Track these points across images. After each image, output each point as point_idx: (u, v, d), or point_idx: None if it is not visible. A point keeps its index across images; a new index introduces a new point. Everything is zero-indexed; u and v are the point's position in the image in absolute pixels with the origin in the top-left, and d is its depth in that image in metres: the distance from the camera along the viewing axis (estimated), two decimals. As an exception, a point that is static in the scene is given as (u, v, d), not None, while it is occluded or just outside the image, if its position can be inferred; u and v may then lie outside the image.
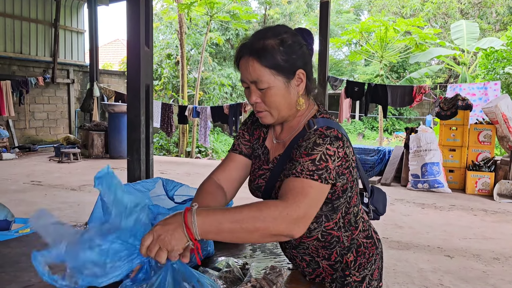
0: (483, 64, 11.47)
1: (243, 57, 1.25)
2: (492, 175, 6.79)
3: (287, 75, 1.23)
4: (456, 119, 7.16)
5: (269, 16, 18.35)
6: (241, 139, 1.48)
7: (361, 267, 1.37)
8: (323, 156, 1.16)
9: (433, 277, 3.57)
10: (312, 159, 1.16)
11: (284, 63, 1.22)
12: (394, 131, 19.97)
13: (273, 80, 1.22)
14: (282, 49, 1.22)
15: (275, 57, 1.21)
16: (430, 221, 5.29)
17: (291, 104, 1.27)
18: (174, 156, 13.10)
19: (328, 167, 1.17)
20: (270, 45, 1.22)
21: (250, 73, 1.23)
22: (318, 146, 1.18)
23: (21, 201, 5.58)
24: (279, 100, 1.24)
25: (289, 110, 1.28)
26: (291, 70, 1.24)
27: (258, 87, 1.24)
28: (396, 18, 15.06)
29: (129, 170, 4.24)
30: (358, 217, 1.38)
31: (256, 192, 1.42)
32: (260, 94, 1.25)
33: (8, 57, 10.77)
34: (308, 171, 1.15)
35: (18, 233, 2.96)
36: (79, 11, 12.82)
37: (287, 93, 1.25)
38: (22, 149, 10.66)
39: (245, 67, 1.24)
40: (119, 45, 26.31)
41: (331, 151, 1.17)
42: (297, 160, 1.19)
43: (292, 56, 1.23)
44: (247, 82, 1.26)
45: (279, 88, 1.23)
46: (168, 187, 1.70)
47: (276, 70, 1.21)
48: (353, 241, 1.37)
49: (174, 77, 15.08)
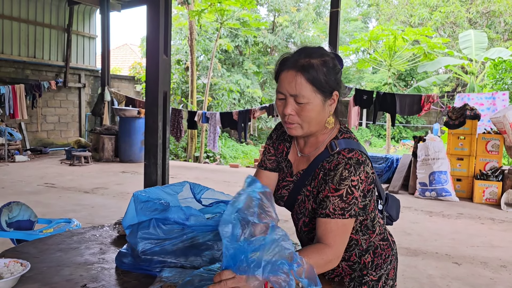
0: (491, 74, 11.52)
1: (287, 71, 1.34)
2: (500, 185, 6.84)
3: (325, 94, 1.35)
4: (464, 129, 7.24)
5: (278, 23, 18.50)
6: (267, 155, 1.59)
7: (378, 267, 1.49)
8: (349, 190, 1.30)
9: (441, 283, 3.65)
10: (340, 195, 1.30)
11: (325, 83, 1.33)
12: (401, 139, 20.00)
13: (313, 96, 1.32)
14: (325, 70, 1.33)
15: (319, 76, 1.31)
16: (438, 229, 5.36)
17: (321, 121, 1.38)
18: (183, 161, 13.23)
19: (355, 197, 1.31)
20: (315, 64, 1.32)
21: (293, 87, 1.32)
22: (344, 180, 1.30)
23: (37, 202, 5.71)
24: (314, 116, 1.35)
25: (318, 126, 1.39)
26: (329, 90, 1.35)
27: (297, 101, 1.33)
28: (405, 27, 15.16)
29: (146, 174, 4.37)
30: (375, 222, 1.49)
31: (279, 201, 1.54)
32: (297, 108, 1.34)
33: (22, 61, 10.98)
34: (339, 210, 1.30)
35: (42, 233, 3.09)
36: (91, 17, 13.04)
37: (322, 110, 1.36)
38: (33, 151, 10.84)
39: (288, 80, 1.33)
40: (127, 50, 26.55)
41: (355, 181, 1.30)
42: (327, 197, 1.32)
43: (332, 77, 1.34)
44: (285, 94, 1.34)
45: (316, 105, 1.34)
46: (195, 190, 1.80)
47: (317, 88, 1.32)
48: (371, 244, 1.48)
49: (183, 82, 15.24)
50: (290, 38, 18.44)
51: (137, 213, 1.61)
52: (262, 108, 9.71)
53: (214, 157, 14.12)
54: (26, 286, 1.34)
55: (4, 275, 1.34)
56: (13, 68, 10.90)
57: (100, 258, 1.66)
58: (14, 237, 2.98)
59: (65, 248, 1.76)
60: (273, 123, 17.28)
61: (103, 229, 2.04)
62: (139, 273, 1.50)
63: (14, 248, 1.81)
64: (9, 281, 1.28)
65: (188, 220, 1.55)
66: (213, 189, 1.84)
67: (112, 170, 9.05)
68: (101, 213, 5.47)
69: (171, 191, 1.78)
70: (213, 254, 1.56)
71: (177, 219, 1.54)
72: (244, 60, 17.97)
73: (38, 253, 1.68)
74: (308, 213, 1.42)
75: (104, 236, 1.93)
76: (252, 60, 18.25)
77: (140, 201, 1.62)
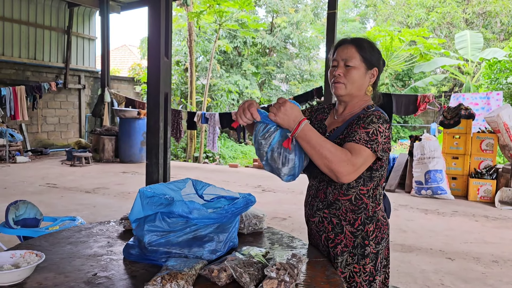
0: (487, 74, 11.66)
1: (344, 44, 1.72)
2: (494, 183, 6.97)
3: (368, 66, 1.71)
4: (459, 128, 7.36)
5: (276, 24, 18.62)
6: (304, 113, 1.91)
7: (377, 240, 1.68)
8: (375, 131, 1.57)
9: (434, 277, 3.77)
10: (367, 131, 1.57)
11: (369, 57, 1.70)
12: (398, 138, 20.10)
13: (359, 64, 1.69)
14: (371, 49, 1.71)
15: (366, 50, 1.70)
16: (432, 226, 5.49)
17: (362, 86, 1.72)
18: (182, 161, 13.33)
19: (377, 140, 1.57)
20: (365, 42, 1.73)
21: (346, 53, 1.69)
22: (373, 123, 1.59)
23: (39, 202, 5.79)
24: (356, 78, 1.69)
25: (358, 91, 1.72)
26: (371, 64, 1.71)
27: (346, 64, 1.69)
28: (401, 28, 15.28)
29: (147, 174, 4.47)
30: (381, 196, 1.73)
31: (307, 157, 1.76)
32: (345, 71, 1.69)
33: (22, 63, 11.09)
34: (364, 140, 1.56)
35: (48, 230, 3.20)
36: (91, 19, 13.15)
37: (363, 77, 1.71)
38: (34, 152, 10.94)
39: (342, 49, 1.71)
40: (126, 51, 26.61)
41: (382, 129, 1.58)
42: (355, 131, 1.59)
43: (375, 56, 1.73)
44: (339, 60, 1.71)
45: (360, 71, 1.70)
46: (197, 186, 1.92)
47: (363, 58, 1.69)
48: (375, 214, 1.70)
49: (182, 83, 15.34)
50: (288, 39, 18.54)
51: (143, 207, 1.72)
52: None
53: (214, 157, 14.23)
54: (41, 274, 1.45)
55: (21, 264, 1.45)
56: (14, 70, 11.00)
57: (108, 250, 1.77)
58: (21, 234, 3.08)
59: (75, 241, 1.87)
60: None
61: (109, 224, 2.15)
62: (146, 263, 1.61)
63: (27, 242, 1.93)
64: (26, 270, 1.38)
65: (191, 214, 1.66)
66: (214, 185, 1.96)
67: (112, 170, 9.16)
68: (103, 213, 5.58)
69: (174, 187, 1.89)
70: (215, 246, 1.67)
71: (181, 213, 1.65)
72: (242, 61, 18.07)
73: (50, 246, 1.79)
74: None
75: (111, 231, 2.04)
76: (250, 61, 18.35)
77: (146, 196, 1.73)
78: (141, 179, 7.75)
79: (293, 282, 1.37)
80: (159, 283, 1.35)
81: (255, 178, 8.71)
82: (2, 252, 1.53)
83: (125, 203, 6.17)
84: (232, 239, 1.77)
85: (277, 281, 1.35)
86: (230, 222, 1.74)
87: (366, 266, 1.67)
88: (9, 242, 3.42)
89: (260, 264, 1.48)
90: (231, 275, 1.42)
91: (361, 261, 1.67)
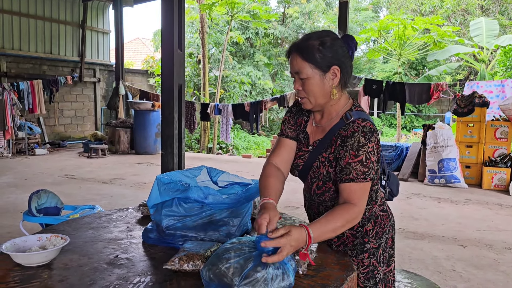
0: (502, 62, 11.51)
1: (291, 54, 1.57)
2: (508, 171, 6.93)
3: (323, 69, 1.53)
4: (473, 116, 7.32)
5: (288, 15, 18.55)
6: (287, 124, 1.78)
7: (378, 236, 1.67)
8: (367, 155, 1.50)
9: (446, 263, 3.81)
10: (360, 160, 1.49)
11: (321, 59, 1.52)
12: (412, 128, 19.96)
13: (310, 72, 1.53)
14: (320, 48, 1.52)
15: (314, 53, 1.51)
16: (445, 214, 5.50)
17: (326, 94, 1.57)
18: (196, 152, 13.46)
19: (372, 162, 1.51)
20: (311, 44, 1.53)
21: (294, 65, 1.55)
22: (362, 147, 1.50)
23: (58, 192, 5.90)
24: (315, 89, 1.55)
25: (324, 99, 1.58)
26: (327, 65, 1.53)
27: (300, 77, 1.55)
28: (415, 16, 15.12)
29: (163, 163, 4.58)
30: (377, 193, 1.69)
31: (294, 170, 1.74)
32: (301, 83, 1.56)
33: (39, 57, 11.28)
34: (362, 175, 1.50)
35: (69, 218, 3.32)
36: (104, 12, 13.29)
37: (322, 84, 1.55)
38: (52, 145, 11.17)
39: (291, 60, 1.56)
40: (139, 44, 26.76)
41: (371, 148, 1.50)
42: (349, 164, 1.51)
43: (329, 54, 1.52)
44: (293, 73, 1.58)
45: (315, 79, 1.54)
46: (212, 173, 2.00)
47: (313, 64, 1.52)
48: (372, 213, 1.68)
49: (195, 75, 15.43)
50: (300, 29, 18.48)
51: (161, 193, 1.81)
52: (273, 99, 9.86)
53: (227, 148, 14.34)
54: (67, 256, 1.55)
55: (48, 246, 1.55)
56: (31, 64, 11.20)
57: (128, 234, 1.86)
58: (43, 222, 3.21)
59: (96, 227, 1.96)
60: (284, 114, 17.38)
61: (128, 211, 2.24)
62: (164, 246, 1.70)
63: (51, 227, 2.03)
64: (53, 252, 1.48)
65: (206, 199, 1.74)
66: (228, 172, 2.03)
67: (128, 161, 9.32)
68: (120, 202, 5.72)
69: (190, 175, 1.97)
70: (229, 229, 1.75)
71: (196, 198, 1.74)
72: (255, 52, 18.08)
73: (73, 230, 1.89)
74: (322, 177, 1.61)
75: (129, 217, 2.14)
76: (262, 52, 18.35)
77: (163, 183, 1.81)
78: (156, 169, 7.88)
79: (307, 261, 1.44)
80: (177, 263, 1.43)
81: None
82: (29, 235, 1.63)
83: (141, 193, 6.30)
84: (245, 223, 1.84)
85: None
86: (244, 207, 1.81)
87: (365, 260, 1.66)
88: (31, 230, 3.55)
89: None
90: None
91: (359, 256, 1.67)
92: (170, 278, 1.38)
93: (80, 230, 1.89)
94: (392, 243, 1.75)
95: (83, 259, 1.53)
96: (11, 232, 4.42)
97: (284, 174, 1.73)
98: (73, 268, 1.45)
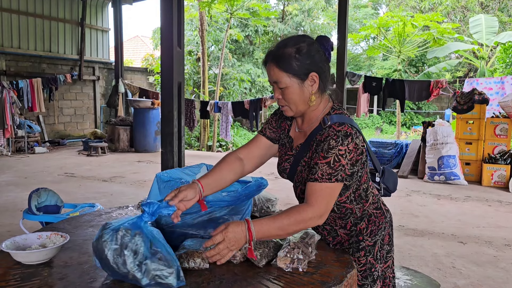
0: (502, 58, 11.50)
1: (267, 64, 1.55)
2: (508, 168, 6.94)
3: (301, 77, 1.51)
4: (472, 113, 7.32)
5: (287, 12, 18.53)
6: (269, 125, 1.79)
7: (373, 234, 1.67)
8: (336, 158, 1.46)
9: (446, 260, 3.82)
10: (328, 162, 1.46)
11: (298, 67, 1.50)
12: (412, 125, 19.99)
13: (289, 81, 1.51)
14: (297, 56, 1.49)
15: (291, 62, 1.49)
16: (445, 211, 5.51)
17: (305, 101, 1.56)
18: (196, 150, 13.47)
19: (342, 164, 1.46)
20: (287, 53, 1.50)
21: (271, 75, 1.54)
22: (332, 149, 1.46)
23: (58, 191, 5.89)
24: (295, 97, 1.54)
25: (305, 105, 1.57)
26: (305, 73, 1.51)
27: (279, 86, 1.54)
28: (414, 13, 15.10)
29: (162, 161, 4.58)
30: (368, 192, 1.67)
31: (282, 173, 1.75)
32: (281, 92, 1.55)
33: (38, 55, 11.27)
34: (327, 175, 1.45)
35: (69, 216, 3.32)
36: (103, 10, 13.27)
37: (301, 92, 1.53)
38: (52, 143, 11.18)
39: (268, 70, 1.55)
40: (138, 42, 26.76)
41: (342, 151, 1.46)
42: (316, 164, 1.48)
43: (305, 61, 1.50)
44: (271, 82, 1.57)
45: (294, 88, 1.53)
46: (211, 171, 2.00)
47: (291, 73, 1.50)
48: (365, 212, 1.67)
49: (195, 73, 15.42)
50: (300, 27, 18.47)
51: (160, 191, 1.81)
52: (273, 97, 9.84)
53: (227, 146, 14.34)
54: (66, 254, 1.55)
55: (48, 244, 1.55)
56: (30, 63, 11.19)
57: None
58: (43, 220, 3.21)
59: (96, 224, 1.96)
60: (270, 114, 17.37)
61: (128, 209, 2.24)
62: (164, 243, 1.70)
63: (51, 225, 2.03)
64: (53, 250, 1.48)
65: (206, 197, 1.74)
66: (227, 170, 2.03)
67: (128, 159, 9.32)
68: (120, 200, 5.72)
69: (189, 172, 1.97)
70: (229, 227, 1.75)
71: (196, 196, 1.73)
72: (254, 49, 18.08)
73: (73, 229, 1.89)
74: (304, 181, 1.60)
75: (129, 215, 2.13)
76: (262, 49, 18.35)
77: (163, 181, 1.82)
78: (156, 167, 7.88)
79: (307, 259, 1.44)
80: (177, 260, 1.43)
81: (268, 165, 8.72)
82: (29, 233, 1.63)
83: (141, 191, 6.31)
84: (243, 221, 1.84)
85: (290, 258, 1.43)
86: (244, 205, 1.80)
87: (362, 258, 1.65)
88: (31, 228, 3.55)
89: (272, 243, 1.55)
90: (245, 254, 1.49)
91: (356, 254, 1.66)
92: (170, 276, 1.37)
93: (80, 228, 1.89)
94: (389, 239, 1.74)
95: (83, 257, 1.53)
96: (11, 231, 4.42)
97: (245, 166, 1.73)
98: (73, 266, 1.45)
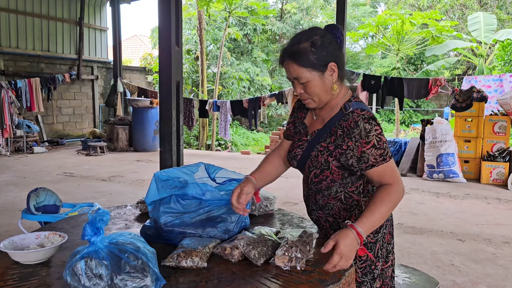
0: (500, 56, 11.50)
1: (285, 62, 1.58)
2: (507, 165, 6.94)
3: (320, 69, 1.54)
4: (471, 111, 7.33)
5: (286, 10, 18.52)
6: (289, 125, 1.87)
7: (375, 231, 1.66)
8: (377, 137, 1.51)
9: (445, 258, 3.83)
10: (373, 145, 1.51)
11: (316, 60, 1.53)
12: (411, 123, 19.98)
13: (310, 75, 1.54)
14: (313, 50, 1.53)
15: (308, 57, 1.52)
16: (444, 209, 5.52)
17: (328, 91, 1.59)
18: (195, 149, 13.46)
19: (385, 142, 1.53)
20: (303, 48, 1.53)
21: (291, 72, 1.57)
22: (369, 132, 1.51)
23: (57, 190, 5.88)
24: (317, 90, 1.57)
25: (327, 96, 1.60)
26: (323, 64, 1.54)
27: (299, 82, 1.57)
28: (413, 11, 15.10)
29: (161, 160, 4.58)
30: (375, 188, 1.67)
31: (292, 161, 1.76)
32: (302, 87, 1.58)
33: (36, 55, 11.26)
34: (379, 157, 1.52)
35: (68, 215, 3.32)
36: (102, 9, 13.24)
37: (323, 83, 1.57)
38: (50, 143, 11.16)
39: (287, 68, 1.58)
40: (137, 41, 26.74)
41: (379, 130, 1.52)
42: (364, 152, 1.52)
43: (322, 53, 1.53)
44: (291, 79, 1.60)
45: (316, 81, 1.56)
46: (209, 170, 1.99)
47: (310, 67, 1.53)
48: None
49: (193, 72, 15.41)
50: (298, 25, 18.45)
51: (158, 190, 1.81)
52: (272, 95, 9.85)
53: (226, 145, 14.34)
54: (65, 253, 1.54)
55: (46, 244, 1.55)
56: (28, 62, 11.18)
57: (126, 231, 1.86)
58: (42, 220, 3.21)
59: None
60: (283, 110, 17.40)
61: (126, 208, 2.24)
62: (162, 242, 1.69)
63: (50, 225, 2.03)
64: (51, 249, 1.48)
65: (204, 195, 1.74)
66: (226, 168, 2.03)
67: (127, 159, 9.32)
68: (119, 199, 5.72)
69: (188, 171, 1.96)
70: (227, 226, 1.75)
71: (194, 195, 1.74)
72: (253, 48, 18.06)
73: (71, 228, 1.89)
74: (320, 166, 1.63)
75: (128, 214, 2.14)
76: (261, 48, 18.33)
77: (161, 180, 1.81)
78: (155, 167, 7.88)
79: (305, 257, 1.44)
80: (175, 259, 1.44)
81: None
82: (28, 233, 1.63)
83: (140, 190, 6.31)
84: (243, 220, 1.84)
85: (288, 257, 1.43)
86: (242, 204, 1.80)
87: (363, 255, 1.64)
88: (30, 228, 3.55)
89: (270, 241, 1.55)
90: (243, 253, 1.49)
91: None
92: (168, 275, 1.38)
93: (78, 228, 1.89)
94: (390, 238, 1.74)
95: (82, 256, 1.53)
96: (9, 230, 4.42)
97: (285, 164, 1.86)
98: (71, 265, 1.45)
